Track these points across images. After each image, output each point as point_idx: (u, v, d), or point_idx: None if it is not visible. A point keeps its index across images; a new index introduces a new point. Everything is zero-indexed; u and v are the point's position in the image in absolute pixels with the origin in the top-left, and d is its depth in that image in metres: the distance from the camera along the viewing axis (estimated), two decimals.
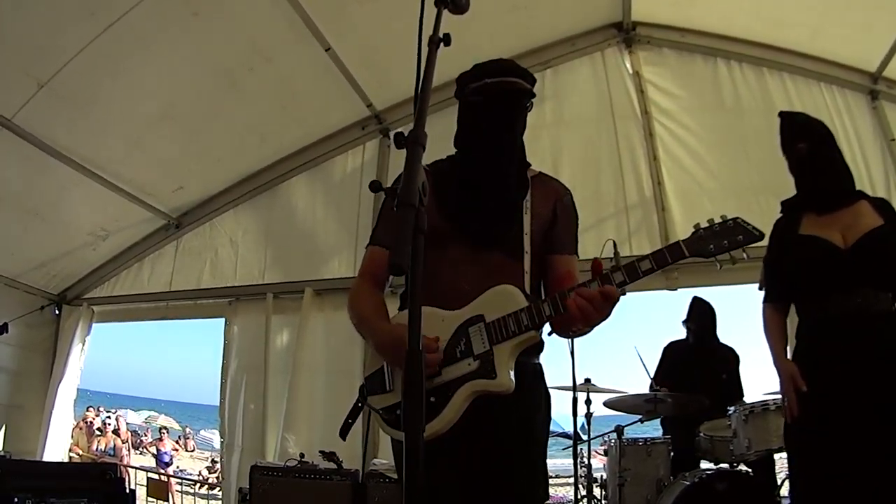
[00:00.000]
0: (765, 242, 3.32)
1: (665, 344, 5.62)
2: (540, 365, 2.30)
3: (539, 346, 2.27)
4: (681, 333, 5.55)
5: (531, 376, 2.21)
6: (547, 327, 2.25)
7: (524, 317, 2.00)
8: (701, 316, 5.39)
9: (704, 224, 2.05)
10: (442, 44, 1.61)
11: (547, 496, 2.20)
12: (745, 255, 2.04)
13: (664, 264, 2.01)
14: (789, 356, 3.06)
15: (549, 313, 2.00)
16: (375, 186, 1.49)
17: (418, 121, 1.44)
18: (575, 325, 2.02)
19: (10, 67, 4.73)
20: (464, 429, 1.98)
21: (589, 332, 2.19)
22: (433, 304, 2.03)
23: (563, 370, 4.87)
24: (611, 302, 1.94)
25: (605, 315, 1.97)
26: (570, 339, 4.68)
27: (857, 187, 3.12)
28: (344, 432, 2.26)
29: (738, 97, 5.62)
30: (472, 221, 2.20)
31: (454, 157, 2.34)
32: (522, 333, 2.00)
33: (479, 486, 2.05)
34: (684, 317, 5.48)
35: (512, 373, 2.00)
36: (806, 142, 3.06)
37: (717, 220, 2.05)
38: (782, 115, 3.25)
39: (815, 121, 3.20)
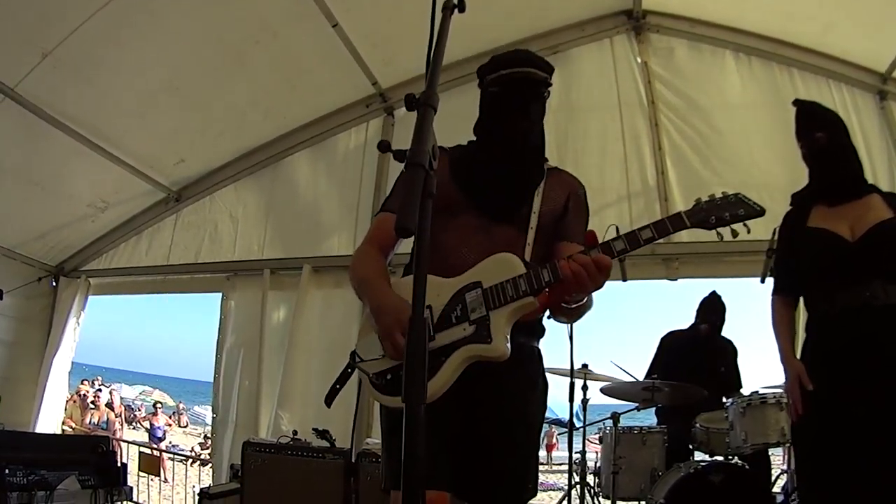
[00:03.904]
0: (767, 235, 3.34)
1: (663, 334, 5.62)
2: (539, 350, 2.30)
3: (540, 330, 2.29)
4: (679, 323, 5.54)
5: (528, 357, 2.22)
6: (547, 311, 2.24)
7: (522, 282, 1.98)
8: (715, 313, 5.36)
9: (706, 198, 2.05)
10: (456, 10, 1.59)
11: (535, 489, 2.19)
12: (747, 229, 2.03)
13: (665, 233, 2.00)
14: (797, 350, 3.04)
15: (549, 279, 1.96)
16: (384, 146, 1.45)
17: (430, 83, 1.41)
18: (568, 293, 2.00)
19: (15, 36, 4.68)
20: (455, 398, 1.95)
21: (580, 316, 2.20)
22: (433, 272, 1.96)
23: (561, 356, 4.87)
24: (604, 271, 1.93)
25: (598, 284, 1.95)
26: (569, 326, 4.69)
27: None
28: (330, 398, 2.23)
29: (745, 90, 5.59)
30: (485, 192, 2.20)
31: (472, 143, 2.36)
32: (521, 299, 1.97)
33: (468, 458, 2.04)
34: (697, 310, 5.43)
35: (508, 340, 1.97)
36: (825, 131, 3.03)
37: (719, 194, 2.05)
38: (799, 103, 3.21)
39: (832, 112, 3.20)
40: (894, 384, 2.62)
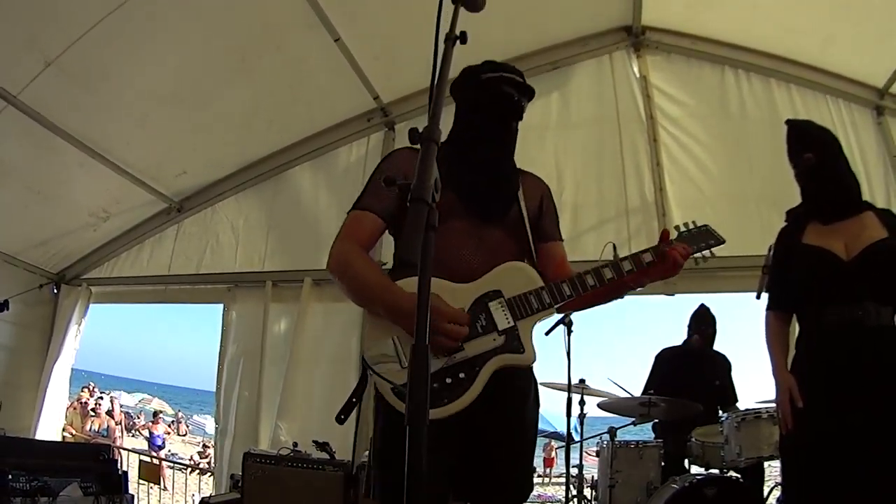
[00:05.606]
0: (762, 251, 3.37)
1: (659, 349, 5.65)
2: None
3: None
4: (675, 339, 5.57)
5: None
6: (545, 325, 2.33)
7: (546, 295, 2.10)
8: (705, 324, 5.39)
9: (682, 227, 2.39)
10: (458, 41, 1.62)
11: (532, 485, 2.27)
12: (711, 254, 2.43)
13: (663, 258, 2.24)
14: (789, 365, 3.06)
15: (570, 294, 2.11)
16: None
17: (433, 117, 1.44)
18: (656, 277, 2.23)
19: (18, 44, 4.70)
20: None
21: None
22: (436, 273, 1.88)
23: (559, 371, 4.90)
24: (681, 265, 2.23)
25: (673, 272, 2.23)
26: (566, 340, 4.74)
27: None
28: (346, 412, 2.15)
29: (744, 107, 5.62)
30: (479, 195, 2.25)
31: (454, 144, 2.31)
32: (544, 310, 2.10)
33: (469, 467, 2.08)
34: (688, 324, 5.47)
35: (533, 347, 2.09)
36: (814, 152, 3.05)
37: (692, 224, 2.43)
38: (789, 123, 3.23)
39: (822, 129, 3.21)
40: (891, 392, 2.65)
